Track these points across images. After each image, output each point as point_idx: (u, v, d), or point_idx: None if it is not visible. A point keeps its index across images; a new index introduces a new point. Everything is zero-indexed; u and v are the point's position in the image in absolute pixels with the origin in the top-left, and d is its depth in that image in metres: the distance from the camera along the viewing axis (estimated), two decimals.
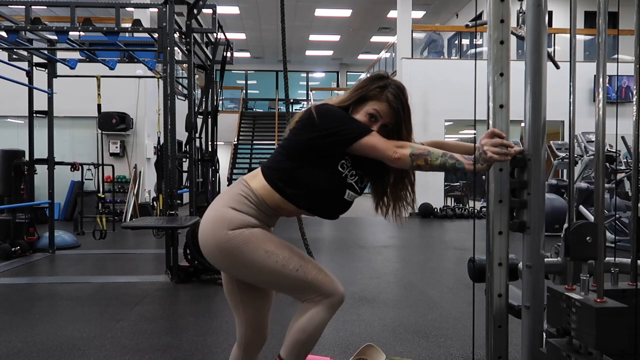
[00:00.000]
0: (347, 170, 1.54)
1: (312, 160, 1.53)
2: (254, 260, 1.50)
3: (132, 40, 7.20)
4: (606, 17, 1.35)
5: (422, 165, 1.43)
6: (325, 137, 1.49)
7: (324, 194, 1.55)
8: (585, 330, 1.20)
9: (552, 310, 1.35)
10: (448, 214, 10.48)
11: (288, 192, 1.54)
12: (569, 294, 1.28)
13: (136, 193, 9.82)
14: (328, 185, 1.54)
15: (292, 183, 1.54)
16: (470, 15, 13.40)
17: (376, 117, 1.55)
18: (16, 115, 9.27)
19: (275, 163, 1.58)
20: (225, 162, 13.90)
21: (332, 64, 21.10)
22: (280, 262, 1.51)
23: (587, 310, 1.20)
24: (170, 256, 4.54)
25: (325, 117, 1.51)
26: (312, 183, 1.53)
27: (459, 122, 11.47)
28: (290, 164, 1.55)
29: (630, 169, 6.41)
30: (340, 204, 1.58)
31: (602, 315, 1.17)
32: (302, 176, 1.53)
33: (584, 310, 1.21)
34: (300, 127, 1.55)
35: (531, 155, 1.46)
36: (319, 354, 2.74)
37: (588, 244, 1.29)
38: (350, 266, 5.27)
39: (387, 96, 1.55)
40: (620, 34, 10.33)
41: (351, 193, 1.57)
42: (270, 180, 1.55)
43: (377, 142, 1.47)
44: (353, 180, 1.56)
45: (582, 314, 1.21)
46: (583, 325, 1.21)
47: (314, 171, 1.53)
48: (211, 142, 5.76)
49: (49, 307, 3.74)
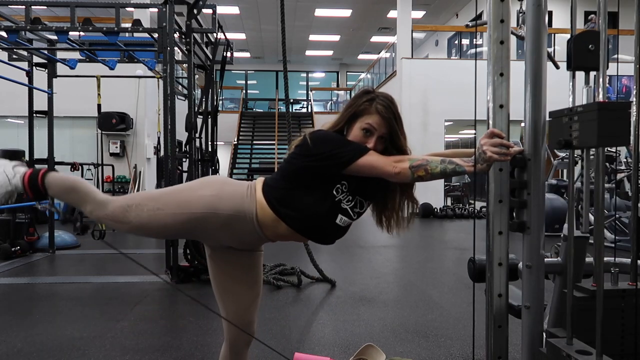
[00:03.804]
0: (341, 195, 1.53)
1: (307, 183, 1.53)
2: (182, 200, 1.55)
3: (132, 40, 7.20)
4: (606, 17, 1.35)
5: (423, 176, 1.43)
6: (321, 160, 1.49)
7: (315, 217, 1.54)
8: (588, 130, 1.21)
9: (553, 132, 1.36)
10: (448, 214, 10.48)
11: (282, 212, 1.53)
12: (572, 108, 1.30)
13: None
14: (319, 208, 1.53)
15: (285, 203, 1.53)
16: (470, 15, 13.40)
17: (371, 131, 1.55)
18: (16, 115, 9.27)
19: (273, 181, 1.59)
20: (225, 162, 13.92)
21: (332, 64, 21.11)
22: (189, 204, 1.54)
23: (590, 108, 1.21)
24: (170, 256, 4.54)
25: (318, 142, 1.51)
26: (304, 205, 1.53)
27: (459, 122, 11.48)
28: (285, 184, 1.55)
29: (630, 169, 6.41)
30: (331, 229, 1.57)
31: (604, 109, 1.18)
32: (295, 197, 1.53)
33: (586, 111, 1.22)
34: (297, 153, 1.55)
35: (531, 155, 1.46)
36: (319, 354, 2.74)
37: (590, 51, 1.26)
38: (350, 266, 5.27)
39: (376, 108, 1.55)
40: (620, 34, 10.33)
41: (344, 218, 1.56)
42: (266, 196, 1.55)
43: (375, 160, 1.47)
44: (348, 206, 1.55)
45: (585, 116, 1.22)
46: (585, 127, 1.22)
47: (308, 193, 1.53)
48: (211, 142, 5.75)
49: (49, 307, 3.74)
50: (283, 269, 4.65)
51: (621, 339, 1.45)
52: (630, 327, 1.46)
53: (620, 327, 1.46)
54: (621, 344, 1.45)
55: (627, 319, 1.46)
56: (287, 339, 3.02)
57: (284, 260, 4.92)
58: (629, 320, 1.46)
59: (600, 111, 1.16)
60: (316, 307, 3.72)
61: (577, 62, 1.28)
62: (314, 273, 4.53)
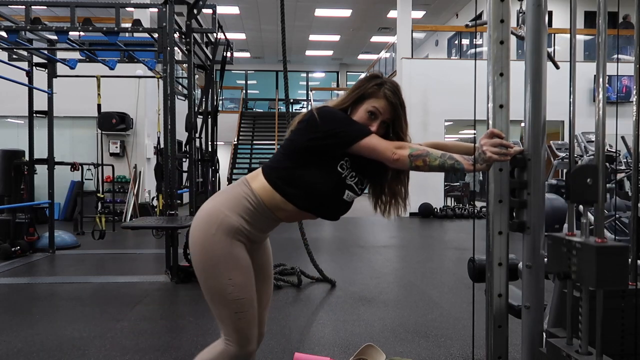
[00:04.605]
0: (346, 172, 1.56)
1: (311, 161, 1.55)
2: (216, 276, 1.54)
3: (132, 40, 7.20)
4: (606, 17, 1.35)
5: (420, 166, 1.45)
6: (325, 138, 1.51)
7: (323, 194, 1.56)
8: (586, 271, 1.21)
9: (552, 257, 1.35)
10: (448, 214, 10.47)
11: (288, 192, 1.55)
12: (570, 238, 1.29)
13: (136, 193, 9.82)
14: (327, 185, 1.55)
15: (292, 182, 1.55)
16: (470, 15, 13.40)
17: (376, 115, 1.57)
18: (16, 115, 9.27)
19: (276, 162, 1.60)
20: (225, 162, 13.90)
21: (332, 64, 21.10)
22: (231, 296, 1.54)
23: (588, 249, 1.20)
24: (170, 256, 4.54)
25: (326, 119, 1.53)
26: (311, 183, 1.55)
27: (459, 122, 11.47)
28: (289, 164, 1.56)
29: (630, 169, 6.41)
30: (339, 205, 1.60)
31: (603, 253, 1.18)
32: (301, 176, 1.55)
33: (584, 250, 1.21)
34: (301, 129, 1.57)
35: (531, 155, 1.46)
36: (319, 354, 2.74)
37: (588, 186, 1.28)
38: (350, 266, 5.28)
39: (384, 93, 1.58)
40: (620, 34, 10.33)
41: (350, 194, 1.59)
42: (270, 180, 1.57)
43: (376, 143, 1.49)
44: (353, 182, 1.58)
45: (583, 255, 1.22)
46: (584, 266, 1.21)
47: (313, 171, 1.55)
48: (211, 142, 5.76)
49: (49, 307, 3.74)
50: (283, 269, 4.65)
51: (621, 339, 1.45)
52: (630, 327, 1.46)
53: (620, 327, 1.46)
54: (621, 344, 1.45)
55: (627, 319, 1.46)
56: (287, 339, 3.02)
57: (284, 260, 4.92)
58: (629, 320, 1.46)
59: (599, 256, 1.17)
60: (316, 307, 3.72)
61: (575, 197, 1.30)
62: (314, 273, 4.54)
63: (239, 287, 1.54)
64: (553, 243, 1.35)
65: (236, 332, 1.56)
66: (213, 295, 1.57)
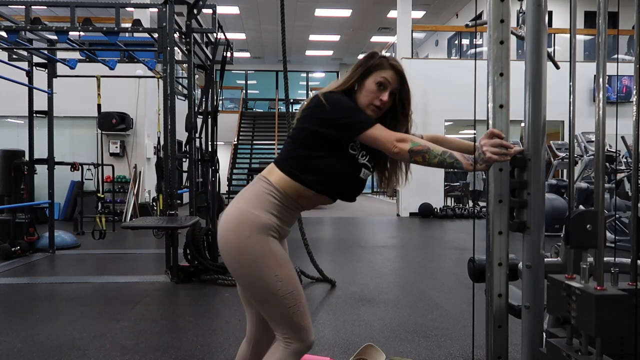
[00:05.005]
0: (357, 152, 1.60)
1: (322, 147, 1.57)
2: (262, 277, 1.53)
3: (132, 40, 7.20)
4: (606, 17, 1.35)
5: (419, 162, 1.48)
6: (330, 127, 1.54)
7: (341, 177, 1.60)
8: (585, 318, 1.20)
9: (552, 299, 1.35)
10: (448, 214, 10.47)
11: (306, 179, 1.57)
12: (569, 282, 1.28)
13: (136, 193, 9.82)
14: (343, 168, 1.59)
15: (308, 170, 1.57)
16: (470, 15, 13.40)
17: (385, 85, 1.61)
18: (16, 115, 9.27)
19: (287, 153, 1.62)
20: (225, 162, 13.90)
21: (332, 64, 21.09)
22: (281, 292, 1.53)
23: (587, 297, 1.20)
24: (170, 256, 4.54)
25: (335, 106, 1.55)
26: (328, 168, 1.58)
27: (459, 122, 11.47)
28: (302, 152, 1.59)
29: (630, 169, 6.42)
30: (357, 184, 1.64)
31: (602, 302, 1.17)
32: (316, 163, 1.58)
33: (584, 298, 1.21)
34: (307, 116, 1.59)
35: (531, 155, 1.46)
36: (319, 354, 2.74)
37: (588, 231, 1.28)
38: (350, 266, 5.27)
39: (391, 63, 1.63)
40: (620, 34, 10.33)
41: (365, 171, 1.63)
42: (286, 170, 1.58)
43: (379, 134, 1.52)
44: (365, 160, 1.62)
45: (582, 302, 1.21)
46: (583, 313, 1.21)
47: (327, 156, 1.58)
48: (211, 142, 5.75)
49: (49, 307, 3.74)
50: None
51: (621, 339, 1.45)
52: (630, 327, 1.45)
53: None
54: (621, 344, 1.45)
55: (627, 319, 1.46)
56: None
57: None
58: (629, 320, 1.46)
59: (599, 304, 1.16)
60: (316, 307, 3.72)
61: (575, 242, 1.30)
62: (314, 273, 4.53)
63: (286, 281, 1.54)
64: (552, 286, 1.34)
65: (294, 327, 1.55)
66: (264, 296, 1.55)
